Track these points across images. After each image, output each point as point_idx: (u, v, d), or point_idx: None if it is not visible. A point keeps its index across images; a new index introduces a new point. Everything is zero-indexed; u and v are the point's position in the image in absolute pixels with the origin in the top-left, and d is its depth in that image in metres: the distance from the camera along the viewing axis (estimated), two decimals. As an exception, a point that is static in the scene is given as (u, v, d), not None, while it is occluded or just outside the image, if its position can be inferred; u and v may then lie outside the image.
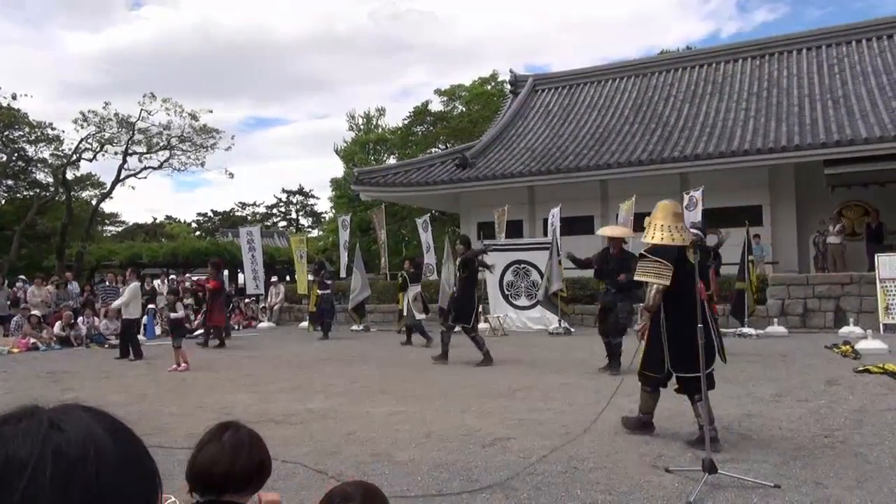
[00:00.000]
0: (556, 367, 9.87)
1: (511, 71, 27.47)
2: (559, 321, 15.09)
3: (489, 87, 36.72)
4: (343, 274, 20.76)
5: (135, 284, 12.84)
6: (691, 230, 5.66)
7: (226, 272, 18.82)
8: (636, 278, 5.81)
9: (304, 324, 18.32)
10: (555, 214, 17.05)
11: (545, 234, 18.54)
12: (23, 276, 18.25)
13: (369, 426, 6.37)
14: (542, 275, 15.78)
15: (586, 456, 5.22)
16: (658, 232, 5.24)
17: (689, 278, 5.02)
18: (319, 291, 16.28)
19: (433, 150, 33.33)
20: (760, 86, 21.05)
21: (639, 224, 16.30)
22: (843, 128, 16.85)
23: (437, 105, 37.88)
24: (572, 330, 15.35)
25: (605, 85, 24.55)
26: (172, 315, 11.40)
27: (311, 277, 19.00)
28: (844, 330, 13.04)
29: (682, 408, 6.72)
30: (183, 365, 10.67)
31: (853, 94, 18.76)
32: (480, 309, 12.70)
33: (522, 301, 16.39)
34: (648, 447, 5.42)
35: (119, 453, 0.69)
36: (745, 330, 13.34)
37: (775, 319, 14.13)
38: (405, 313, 14.47)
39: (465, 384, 8.62)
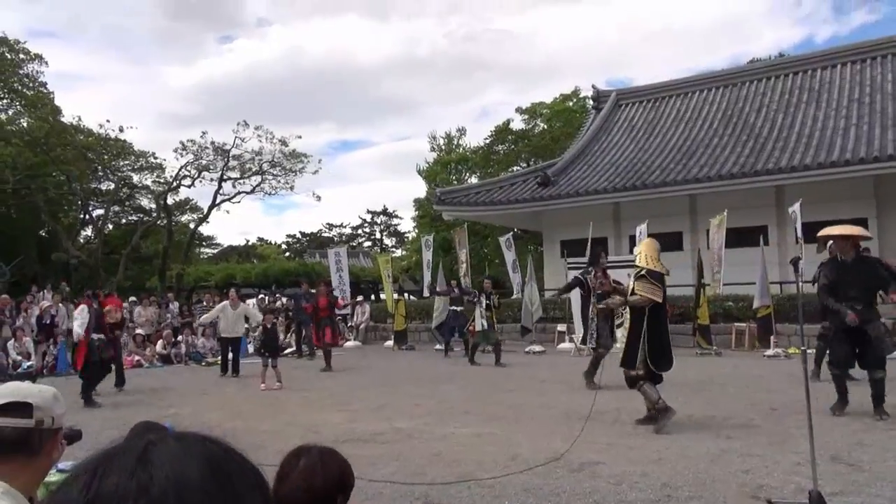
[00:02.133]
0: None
1: (593, 86, 27.16)
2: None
3: (570, 104, 36.37)
4: (427, 293, 20.94)
5: (224, 303, 13.50)
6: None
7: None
8: (639, 292, 6.82)
9: (390, 342, 18.57)
10: (642, 231, 16.62)
11: (631, 252, 18.10)
12: (133, 298, 19.34)
13: (455, 447, 6.35)
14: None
15: (680, 484, 4.99)
16: (651, 262, 6.93)
17: (665, 298, 6.96)
18: (454, 308, 16.31)
19: (515, 168, 33.25)
20: (862, 92, 19.87)
21: (732, 239, 15.74)
22: (957, 133, 15.67)
23: (518, 123, 37.86)
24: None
25: (691, 97, 23.85)
26: (262, 339, 11.74)
27: (395, 296, 19.30)
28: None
29: (785, 436, 6.36)
30: (277, 384, 10.99)
31: (968, 96, 17.43)
32: (566, 328, 12.57)
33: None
34: (748, 476, 5.14)
35: (211, 486, 0.68)
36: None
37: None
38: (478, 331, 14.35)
39: (551, 405, 8.47)
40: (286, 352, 16.32)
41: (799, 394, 5.15)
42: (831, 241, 7.83)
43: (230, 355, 13.16)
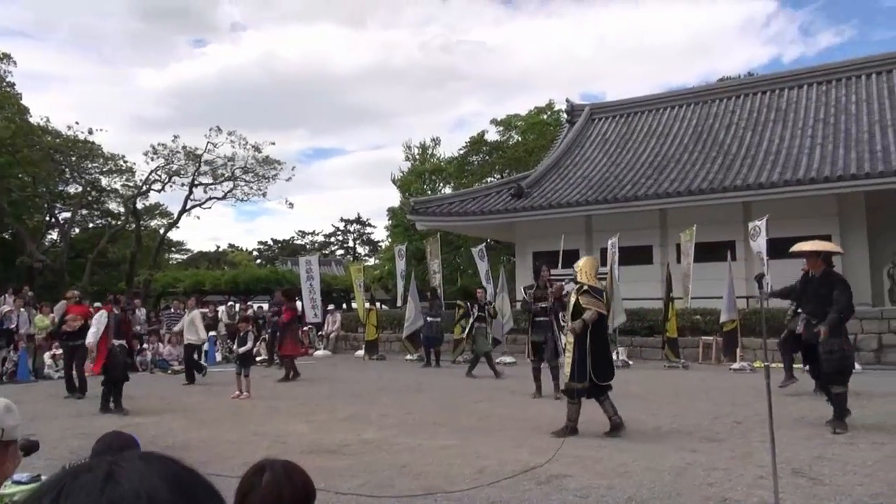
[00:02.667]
0: (613, 402, 9.59)
1: (567, 100, 27.44)
2: (617, 354, 14.78)
3: (545, 117, 36.71)
4: (399, 303, 20.87)
5: (195, 312, 13.28)
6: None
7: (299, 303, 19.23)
8: (585, 306, 7.25)
9: (360, 352, 18.47)
10: (613, 244, 16.80)
11: (603, 264, 18.27)
12: (98, 304, 18.95)
13: (422, 459, 6.32)
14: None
15: (646, 497, 5.02)
16: (590, 278, 7.48)
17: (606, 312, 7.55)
18: (429, 318, 16.28)
19: (489, 179, 33.42)
20: (827, 112, 20.39)
21: (700, 253, 15.99)
22: (917, 154, 16.13)
23: (492, 135, 38.09)
24: (630, 363, 15.01)
25: (663, 113, 24.23)
26: (242, 349, 11.54)
27: (367, 306, 19.19)
28: (924, 367, 12.31)
29: (748, 449, 6.45)
30: (245, 393, 10.85)
31: (928, 119, 17.97)
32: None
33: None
34: (712, 489, 5.19)
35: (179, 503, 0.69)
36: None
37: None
38: (471, 343, 14.38)
39: (520, 417, 8.49)
40: (257, 360, 16.12)
41: (763, 407, 5.22)
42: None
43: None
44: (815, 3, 79.39)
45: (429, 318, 16.16)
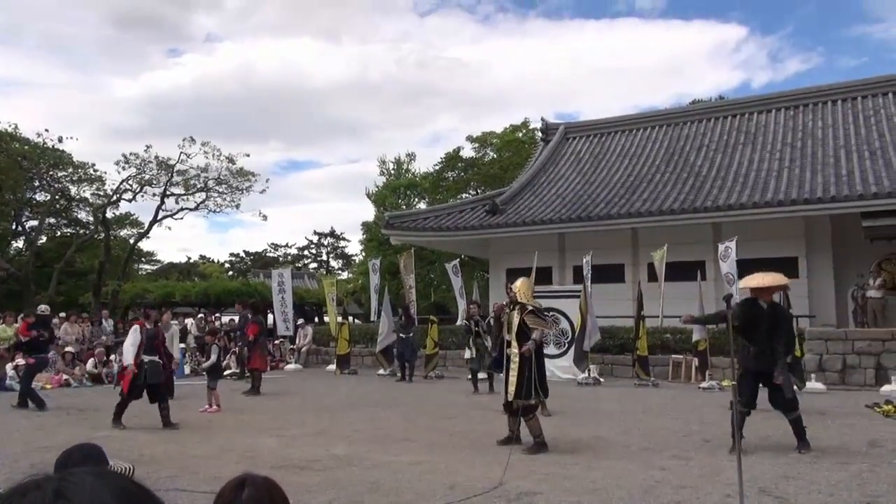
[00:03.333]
0: (584, 419, 9.66)
1: (542, 119, 27.74)
2: (588, 371, 14.89)
3: (520, 135, 37.04)
4: (373, 317, 20.78)
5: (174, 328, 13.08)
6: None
7: (270, 316, 18.91)
8: (531, 326, 7.66)
9: (332, 366, 18.32)
10: (587, 262, 16.94)
11: (575, 282, 18.41)
12: (63, 314, 18.60)
13: (393, 475, 6.28)
14: (571, 323, 15.61)
15: (615, 515, 5.05)
16: (529, 299, 7.98)
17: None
18: (402, 335, 16.18)
19: (464, 195, 33.56)
20: (795, 136, 20.89)
21: (671, 272, 16.22)
22: (880, 180, 16.57)
23: (468, 151, 38.31)
24: (601, 380, 15.10)
25: (636, 134, 24.61)
26: (207, 364, 11.42)
27: (339, 320, 19.07)
28: (886, 388, 12.59)
29: (716, 467, 6.52)
30: (214, 407, 10.69)
31: (891, 145, 18.48)
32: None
33: (551, 349, 16.16)
34: (680, 507, 5.24)
35: None
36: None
37: (813, 375, 13.70)
38: (471, 359, 14.24)
39: (492, 434, 8.47)
40: (226, 373, 15.91)
41: (731, 426, 5.31)
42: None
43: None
44: (783, 30, 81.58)
45: (401, 335, 16.11)
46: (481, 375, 13.45)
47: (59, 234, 36.69)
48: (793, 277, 16.62)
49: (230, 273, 53.48)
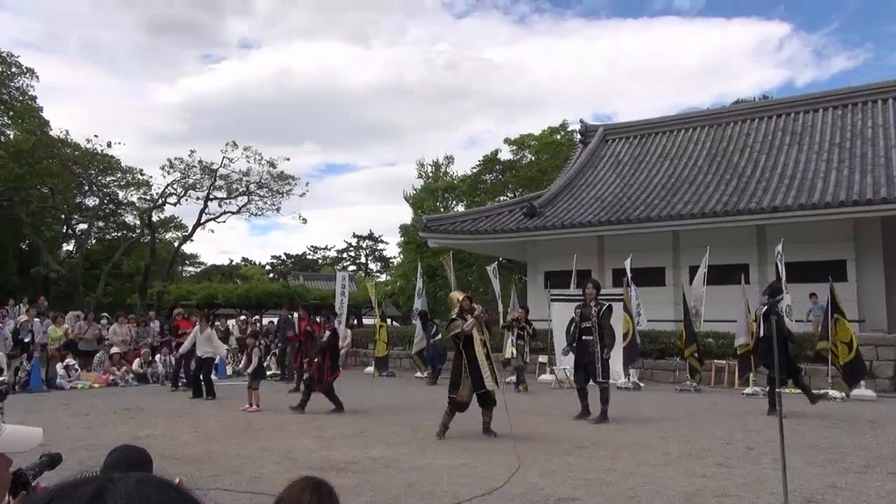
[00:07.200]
0: (624, 425, 9.53)
1: (581, 121, 27.52)
2: (628, 376, 14.68)
3: (558, 137, 36.79)
4: (413, 320, 20.89)
5: (210, 330, 13.39)
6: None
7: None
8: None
9: (370, 369, 18.43)
10: (627, 265, 16.73)
11: (614, 286, 18.19)
12: (106, 314, 19.15)
13: (430, 478, 6.29)
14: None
15: (655, 522, 4.97)
16: (457, 309, 8.99)
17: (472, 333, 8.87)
18: (430, 340, 16.70)
19: (502, 198, 33.47)
20: (843, 136, 20.29)
21: (714, 276, 15.93)
22: (934, 180, 16.00)
23: (506, 154, 38.21)
24: (642, 385, 14.88)
25: (677, 135, 24.22)
26: (250, 367, 11.70)
27: (378, 322, 19.14)
28: (941, 396, 12.13)
29: (760, 476, 6.37)
30: (254, 406, 10.90)
31: (945, 145, 17.84)
32: (547, 360, 12.64)
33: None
34: (722, 516, 5.13)
35: None
36: (831, 392, 12.58)
37: (862, 382, 13.28)
38: (512, 358, 14.63)
39: (529, 438, 8.43)
40: (268, 374, 16.13)
41: (775, 433, 5.17)
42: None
43: (201, 376, 13.08)
44: (828, 26, 79.47)
45: (430, 340, 16.45)
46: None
47: (107, 237, 37.77)
48: (840, 281, 16.18)
49: (271, 275, 54.32)
